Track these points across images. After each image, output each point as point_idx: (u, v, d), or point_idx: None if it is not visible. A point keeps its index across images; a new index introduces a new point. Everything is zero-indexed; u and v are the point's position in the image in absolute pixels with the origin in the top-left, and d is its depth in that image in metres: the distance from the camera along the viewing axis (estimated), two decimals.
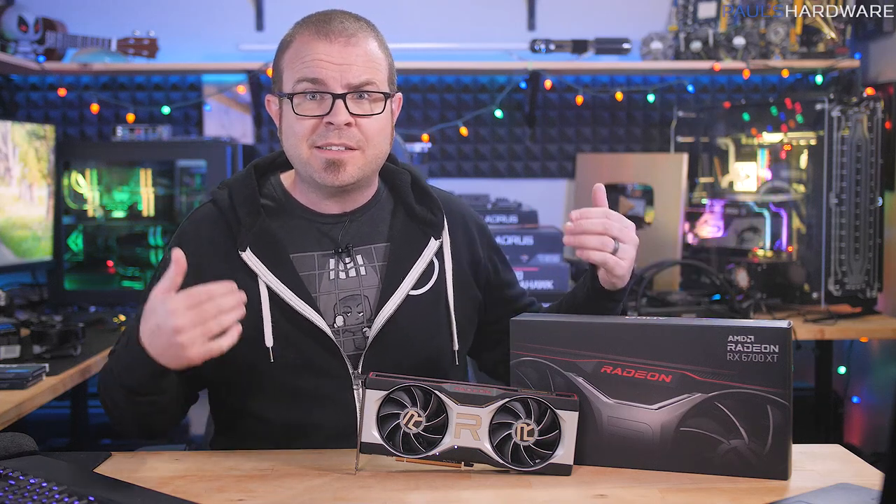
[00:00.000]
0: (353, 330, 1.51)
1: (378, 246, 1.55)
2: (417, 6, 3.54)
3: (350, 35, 1.47)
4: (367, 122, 1.47)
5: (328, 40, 1.46)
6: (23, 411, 1.89)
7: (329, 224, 1.55)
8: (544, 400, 1.31)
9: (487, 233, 1.70)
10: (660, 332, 1.31)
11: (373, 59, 1.48)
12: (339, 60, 1.45)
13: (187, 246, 1.49)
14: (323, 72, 1.45)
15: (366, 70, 1.47)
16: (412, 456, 1.31)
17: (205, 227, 1.54)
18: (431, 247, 1.56)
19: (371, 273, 1.54)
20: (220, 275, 1.47)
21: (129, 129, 3.31)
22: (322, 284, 1.51)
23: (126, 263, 3.34)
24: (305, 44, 1.47)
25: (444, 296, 1.57)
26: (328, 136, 1.45)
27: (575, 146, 3.66)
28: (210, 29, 3.56)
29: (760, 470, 1.27)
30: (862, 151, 2.97)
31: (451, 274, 1.58)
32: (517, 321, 1.39)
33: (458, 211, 1.66)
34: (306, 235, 1.53)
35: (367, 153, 1.48)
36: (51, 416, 3.30)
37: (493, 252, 1.69)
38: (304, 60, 1.46)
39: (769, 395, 1.27)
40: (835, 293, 2.97)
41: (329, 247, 1.53)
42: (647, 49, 3.45)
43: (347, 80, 1.45)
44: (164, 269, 1.50)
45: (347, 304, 1.51)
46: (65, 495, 1.12)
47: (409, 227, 1.57)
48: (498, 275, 1.68)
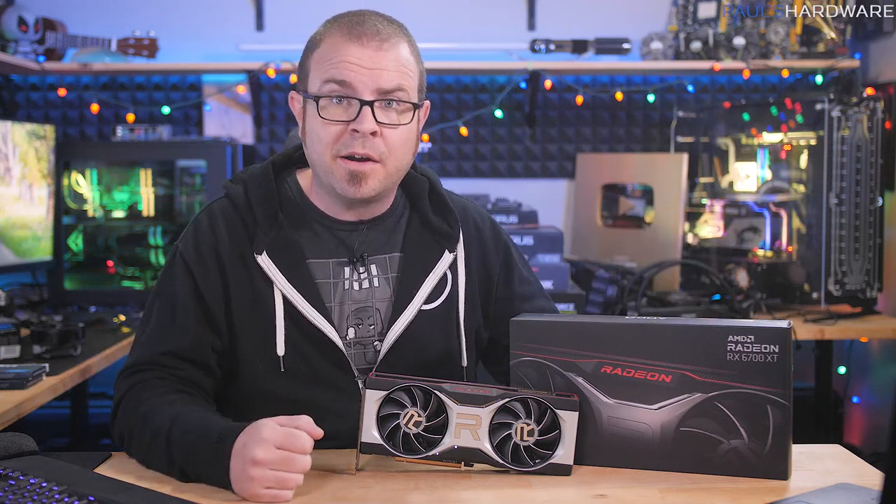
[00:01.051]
0: (364, 343, 1.49)
1: (393, 256, 1.52)
2: (417, 6, 3.54)
3: (383, 39, 1.41)
4: (392, 132, 1.42)
5: (360, 43, 1.40)
6: (23, 411, 1.89)
7: (346, 231, 1.51)
8: (544, 400, 1.31)
9: (505, 244, 1.64)
10: (660, 332, 1.31)
11: (405, 66, 1.42)
12: (371, 65, 1.39)
13: (204, 240, 1.47)
14: (352, 75, 1.39)
15: (397, 76, 1.41)
16: (412, 456, 1.31)
17: (221, 223, 1.48)
18: (445, 259, 1.53)
19: (384, 285, 1.50)
20: (237, 276, 1.46)
21: (129, 129, 3.32)
22: (337, 294, 1.48)
23: (126, 263, 3.34)
24: (336, 45, 1.41)
25: (455, 310, 1.54)
26: (352, 144, 1.40)
27: (575, 146, 3.66)
28: (210, 29, 3.56)
29: (760, 470, 1.27)
30: (862, 151, 2.97)
31: (464, 288, 1.55)
32: (517, 321, 1.38)
33: (476, 221, 1.61)
34: (323, 242, 1.50)
35: (389, 166, 1.43)
36: (51, 416, 3.30)
37: (508, 266, 1.62)
38: (333, 62, 1.40)
39: (769, 395, 1.27)
40: (835, 293, 2.97)
41: (344, 255, 1.50)
42: (647, 49, 3.45)
43: (378, 84, 1.39)
44: (173, 265, 1.48)
45: (359, 317, 1.49)
46: (65, 495, 1.12)
47: (424, 237, 1.53)
48: (509, 287, 1.62)
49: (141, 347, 1.46)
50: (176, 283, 1.47)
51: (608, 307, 2.92)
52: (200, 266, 1.46)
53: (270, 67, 3.35)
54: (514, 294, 1.62)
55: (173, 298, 1.46)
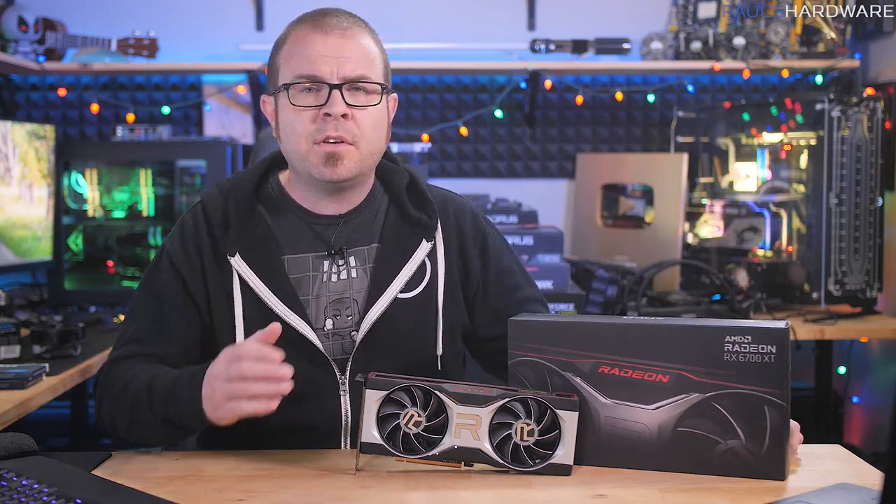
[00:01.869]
0: (341, 333, 1.51)
1: (370, 247, 1.55)
2: (417, 6, 3.54)
3: (345, 28, 1.48)
4: (362, 114, 1.47)
5: (323, 32, 1.47)
6: (23, 411, 1.89)
7: (323, 225, 1.54)
8: (544, 400, 1.31)
9: (483, 233, 1.63)
10: (657, 333, 1.31)
11: (368, 54, 1.49)
12: (335, 53, 1.46)
13: (190, 236, 1.53)
14: (320, 66, 1.45)
15: (361, 64, 1.47)
16: (412, 456, 1.32)
17: (200, 225, 1.54)
18: (423, 248, 1.55)
19: (361, 275, 1.53)
20: (214, 275, 1.51)
21: (129, 129, 3.32)
22: (315, 287, 1.51)
23: (126, 263, 3.34)
24: (301, 38, 1.48)
25: (434, 300, 1.55)
26: (325, 129, 1.45)
27: (575, 146, 3.66)
28: (210, 29, 3.56)
29: (757, 470, 1.28)
30: (862, 151, 2.97)
31: (443, 277, 1.56)
32: (515, 321, 1.39)
33: (455, 211, 1.61)
34: (301, 236, 1.53)
35: (363, 148, 1.48)
36: (51, 416, 3.30)
37: (485, 253, 1.62)
38: (301, 55, 1.47)
39: (766, 395, 1.27)
40: (835, 293, 2.97)
41: (323, 248, 1.53)
42: (647, 49, 3.45)
43: (343, 73, 1.45)
44: (160, 260, 1.55)
45: (337, 308, 1.51)
46: (52, 497, 1.12)
47: (401, 228, 1.56)
48: (486, 275, 1.61)
49: (123, 346, 1.52)
50: (161, 280, 1.53)
51: (608, 307, 2.92)
52: (187, 264, 1.52)
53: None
54: (490, 281, 1.61)
55: (160, 297, 1.53)
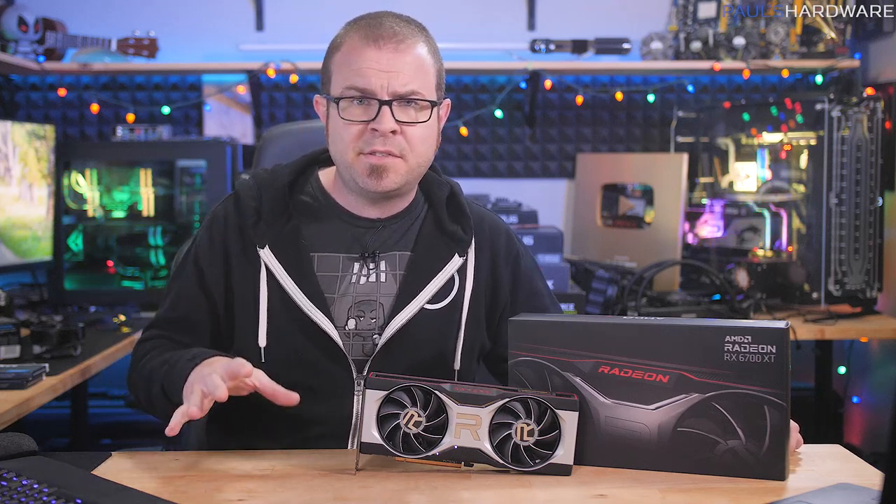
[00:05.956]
0: (363, 335, 1.52)
1: (403, 254, 1.55)
2: (417, 6, 3.53)
3: (399, 41, 1.46)
4: (411, 129, 1.47)
5: (377, 46, 1.45)
6: (23, 411, 1.89)
7: (362, 228, 1.55)
8: (544, 400, 1.31)
9: (516, 255, 1.64)
10: (657, 333, 1.31)
11: (421, 66, 1.48)
12: (387, 68, 1.45)
13: (218, 229, 1.56)
14: (370, 80, 1.45)
15: (413, 78, 1.46)
16: (412, 456, 1.32)
17: (232, 216, 1.56)
18: (454, 263, 1.55)
19: (391, 281, 1.54)
20: (241, 266, 1.53)
21: (129, 129, 3.32)
22: (342, 286, 1.52)
23: (126, 263, 3.34)
24: (354, 49, 1.47)
25: (458, 315, 1.56)
26: (373, 142, 1.45)
27: (575, 146, 3.66)
28: (210, 29, 3.56)
29: (758, 471, 1.27)
30: (862, 151, 2.97)
31: (470, 293, 1.57)
32: (515, 321, 1.39)
33: (491, 229, 1.63)
34: (337, 237, 1.54)
35: (410, 161, 1.48)
36: (51, 416, 3.30)
37: (517, 276, 1.63)
38: (353, 67, 1.46)
39: (766, 395, 1.27)
40: (835, 293, 2.97)
41: (357, 250, 1.54)
42: (647, 49, 3.45)
43: (394, 88, 1.45)
44: (190, 248, 1.59)
45: (361, 309, 1.52)
46: (52, 497, 1.12)
47: (436, 238, 1.56)
48: (515, 297, 1.63)
49: (149, 328, 1.60)
50: (186, 271, 1.58)
51: (608, 307, 2.92)
52: (208, 255, 1.55)
53: (270, 67, 3.35)
54: (518, 301, 1.63)
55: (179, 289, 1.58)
